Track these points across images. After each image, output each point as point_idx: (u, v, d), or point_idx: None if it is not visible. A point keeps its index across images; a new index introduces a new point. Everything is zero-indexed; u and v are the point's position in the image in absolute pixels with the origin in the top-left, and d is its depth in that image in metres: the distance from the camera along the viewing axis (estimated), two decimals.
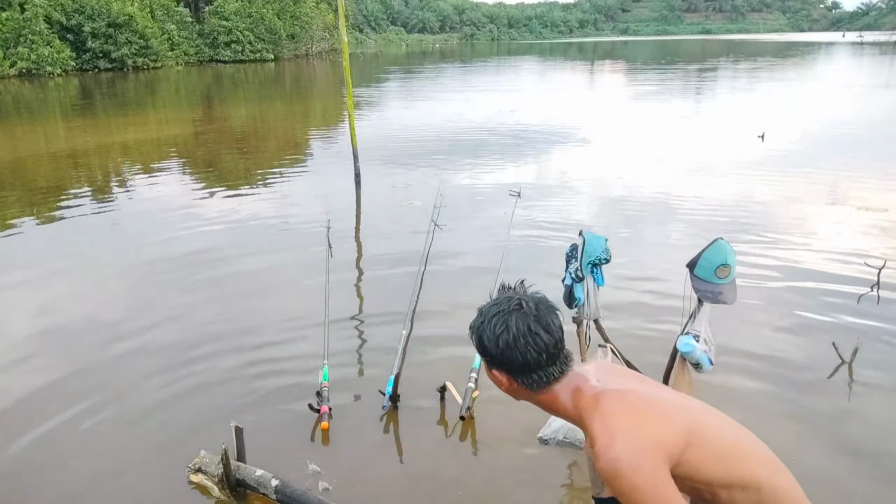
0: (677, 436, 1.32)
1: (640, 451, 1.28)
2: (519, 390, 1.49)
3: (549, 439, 2.84)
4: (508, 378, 1.47)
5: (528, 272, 4.96)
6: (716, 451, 1.34)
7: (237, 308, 4.49)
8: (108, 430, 3.10)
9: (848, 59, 40.95)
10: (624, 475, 1.27)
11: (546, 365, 1.43)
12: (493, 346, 1.44)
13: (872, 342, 3.73)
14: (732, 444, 1.37)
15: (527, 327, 1.41)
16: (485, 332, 1.46)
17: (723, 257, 2.58)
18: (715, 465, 1.33)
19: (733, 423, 1.45)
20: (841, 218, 6.36)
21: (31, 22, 33.10)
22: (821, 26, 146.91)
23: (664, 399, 1.41)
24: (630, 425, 1.32)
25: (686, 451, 1.32)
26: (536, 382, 1.45)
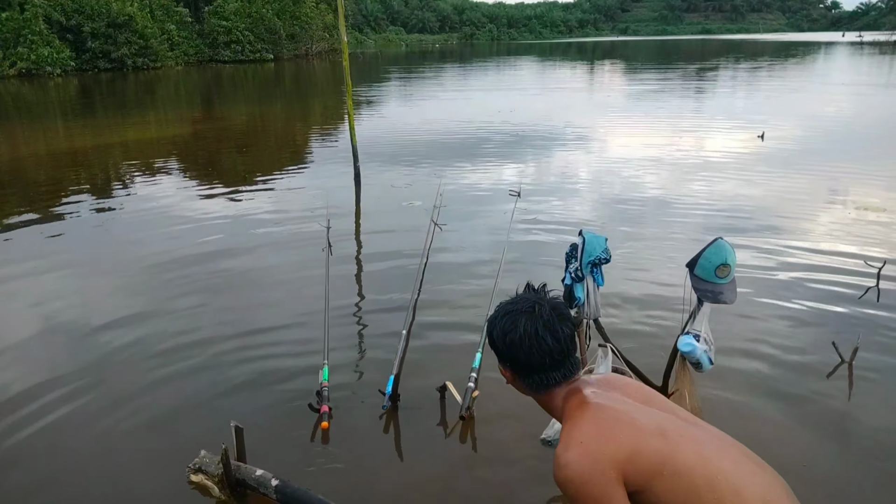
0: (640, 460, 1.29)
1: (590, 464, 1.28)
2: (520, 387, 1.55)
3: (553, 441, 2.83)
4: (512, 374, 1.54)
5: (529, 271, 4.96)
6: (692, 485, 1.29)
7: (237, 308, 4.49)
8: (107, 429, 3.09)
9: (847, 59, 40.96)
10: (570, 483, 1.29)
11: (549, 369, 1.46)
12: (500, 342, 1.53)
13: (872, 341, 3.73)
14: (713, 478, 1.30)
15: (534, 330, 1.44)
16: (495, 328, 1.55)
17: (723, 257, 2.58)
18: (686, 500, 1.29)
19: (725, 452, 1.37)
20: (841, 217, 6.36)
21: (30, 22, 33.09)
22: (820, 26, 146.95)
23: (642, 423, 1.36)
24: (589, 438, 1.33)
25: (652, 480, 1.29)
26: (536, 384, 1.49)
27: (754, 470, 1.36)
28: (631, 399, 1.45)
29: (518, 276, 4.81)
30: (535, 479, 2.69)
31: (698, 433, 1.39)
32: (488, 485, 2.68)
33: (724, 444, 1.40)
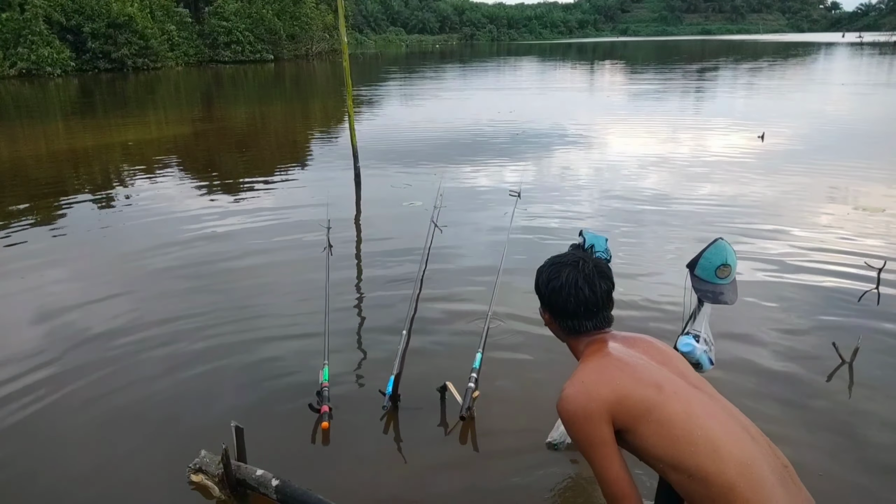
0: (629, 403, 1.45)
1: (584, 402, 1.47)
2: (555, 329, 1.74)
3: (559, 443, 2.82)
4: (550, 317, 1.75)
5: (529, 272, 4.95)
6: (670, 434, 1.42)
7: (237, 308, 4.49)
8: (108, 429, 3.10)
9: (847, 59, 40.97)
10: (564, 412, 1.50)
11: (582, 317, 1.64)
12: (544, 287, 1.76)
13: (873, 342, 3.73)
14: (691, 432, 1.42)
15: (574, 280, 1.65)
16: (542, 275, 1.79)
17: (723, 257, 2.58)
18: (664, 446, 1.43)
19: (715, 415, 1.47)
20: (841, 217, 6.36)
21: (30, 22, 33.10)
22: (820, 27, 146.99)
23: (641, 375, 1.51)
24: (590, 379, 1.51)
25: (637, 423, 1.45)
26: (570, 328, 1.67)
27: (742, 437, 1.43)
28: (646, 356, 1.58)
29: (518, 276, 4.81)
30: (536, 480, 2.69)
31: (694, 394, 1.50)
32: (489, 485, 2.68)
33: (717, 408, 1.50)
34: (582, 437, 1.47)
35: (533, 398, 3.29)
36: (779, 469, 1.43)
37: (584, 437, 1.47)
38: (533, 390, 3.37)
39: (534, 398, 3.29)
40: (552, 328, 1.74)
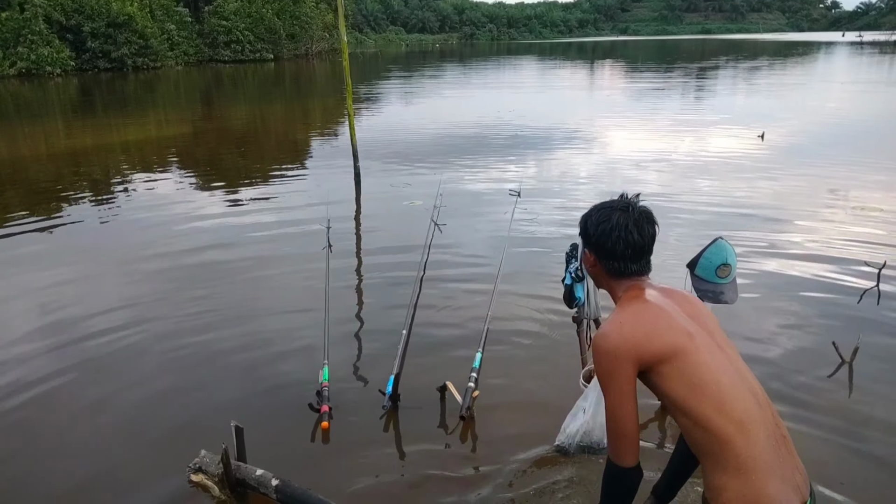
0: (657, 347, 1.55)
1: (618, 341, 1.55)
2: (598, 270, 1.76)
3: (568, 445, 2.82)
4: (595, 259, 1.75)
5: (529, 271, 4.96)
6: (688, 381, 1.53)
7: (237, 308, 4.49)
8: (108, 429, 3.10)
9: (847, 58, 40.95)
10: (597, 348, 1.58)
11: (628, 260, 1.70)
12: (594, 230, 1.73)
13: (873, 342, 3.73)
14: (706, 384, 1.53)
15: (625, 223, 1.69)
16: (591, 218, 1.75)
17: (723, 257, 2.58)
18: (679, 390, 1.53)
19: (728, 373, 1.58)
20: (841, 217, 6.36)
21: (30, 22, 33.08)
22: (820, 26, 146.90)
23: (675, 323, 1.61)
24: (627, 321, 1.60)
25: (662, 365, 1.54)
26: (615, 269, 1.72)
27: (747, 399, 1.55)
28: (679, 308, 1.68)
29: (519, 275, 4.82)
30: (536, 479, 2.69)
31: (716, 351, 1.62)
32: (488, 485, 2.68)
33: (732, 368, 1.61)
34: (607, 371, 1.55)
35: (533, 398, 3.29)
36: (775, 435, 1.54)
37: (609, 372, 1.55)
38: (533, 390, 3.37)
39: (534, 398, 3.29)
40: (594, 271, 1.78)
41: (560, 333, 3.91)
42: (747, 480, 1.47)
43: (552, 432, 2.95)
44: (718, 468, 1.51)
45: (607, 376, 1.57)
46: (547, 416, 3.11)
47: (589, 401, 2.77)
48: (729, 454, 1.49)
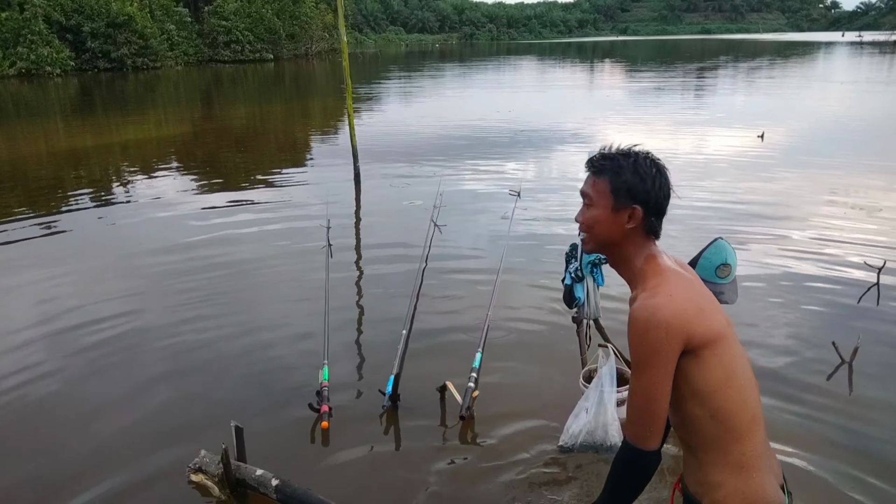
0: (705, 327, 1.41)
1: (670, 315, 1.37)
2: (636, 232, 1.51)
3: (571, 446, 2.82)
4: (643, 214, 1.49)
5: (529, 271, 4.96)
6: (726, 370, 1.42)
7: (237, 308, 4.49)
8: (108, 429, 3.10)
9: (847, 58, 40.96)
10: (643, 322, 1.38)
11: (660, 215, 1.53)
12: (651, 182, 1.49)
13: (872, 342, 3.73)
14: (736, 377, 1.44)
15: (665, 176, 1.52)
16: (640, 167, 1.50)
17: (723, 257, 2.59)
18: (715, 380, 1.41)
19: (748, 369, 1.52)
20: (841, 217, 6.36)
21: (30, 22, 33.07)
22: (820, 26, 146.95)
23: (714, 302, 1.50)
24: (679, 294, 1.42)
25: (704, 347, 1.40)
26: (653, 228, 1.52)
27: (756, 393, 1.50)
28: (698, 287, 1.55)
29: (518, 275, 4.82)
30: (536, 479, 2.69)
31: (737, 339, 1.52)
32: (488, 485, 2.68)
33: (746, 359, 1.53)
34: (653, 347, 1.38)
35: (533, 398, 3.29)
36: (765, 428, 1.52)
37: (655, 348, 1.38)
38: (533, 390, 3.37)
39: (534, 398, 3.29)
40: (630, 231, 1.50)
41: (560, 334, 3.91)
42: (748, 478, 1.43)
43: (552, 432, 2.96)
44: (720, 464, 1.44)
45: (651, 353, 1.38)
46: (547, 416, 3.11)
47: (591, 401, 2.78)
48: (736, 450, 1.43)
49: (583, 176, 1.62)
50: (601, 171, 1.52)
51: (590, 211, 1.54)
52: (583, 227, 1.57)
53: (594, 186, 1.53)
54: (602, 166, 1.52)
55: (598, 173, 1.53)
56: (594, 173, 1.54)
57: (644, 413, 1.42)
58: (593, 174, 1.54)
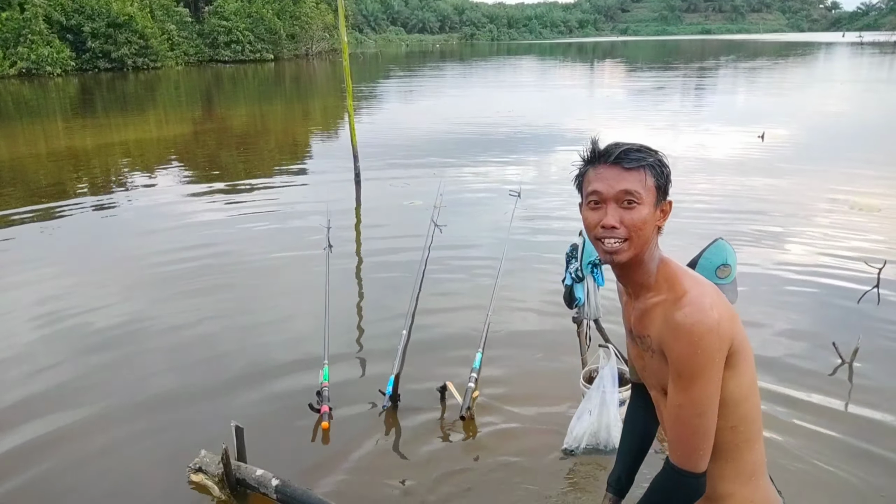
0: (739, 332, 1.30)
1: (717, 318, 1.24)
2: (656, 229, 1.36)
3: (575, 448, 2.82)
4: (669, 202, 1.38)
5: (529, 272, 4.96)
6: (751, 377, 1.33)
7: (237, 308, 4.49)
8: (108, 430, 3.09)
9: (848, 59, 40.96)
10: (698, 326, 1.23)
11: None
12: (669, 171, 1.38)
13: (872, 342, 3.73)
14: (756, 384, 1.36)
15: None
16: (662, 157, 1.38)
17: (723, 257, 2.58)
18: (744, 388, 1.31)
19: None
20: (841, 217, 6.36)
21: (30, 22, 33.09)
22: (820, 26, 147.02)
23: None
24: (716, 297, 1.30)
25: (737, 354, 1.29)
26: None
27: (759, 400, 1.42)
28: None
29: (519, 276, 4.82)
30: (536, 479, 2.69)
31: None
32: (488, 484, 2.68)
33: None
34: (707, 356, 1.23)
35: (533, 398, 3.29)
36: None
37: (710, 356, 1.23)
38: (533, 390, 3.37)
39: (534, 398, 3.29)
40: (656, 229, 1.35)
41: (560, 334, 3.90)
42: (756, 487, 1.37)
43: (553, 432, 2.96)
44: (731, 475, 1.34)
45: (707, 361, 1.23)
46: (547, 416, 3.11)
47: (593, 402, 2.78)
48: (749, 459, 1.35)
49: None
50: (642, 164, 1.32)
51: (637, 211, 1.30)
52: (629, 230, 1.30)
53: (642, 182, 1.31)
54: (641, 158, 1.33)
55: (641, 167, 1.32)
56: (635, 167, 1.31)
57: (696, 431, 1.27)
58: (634, 168, 1.31)
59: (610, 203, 1.31)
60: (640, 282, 1.37)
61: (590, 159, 1.40)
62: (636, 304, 1.38)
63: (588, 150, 1.41)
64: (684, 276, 1.34)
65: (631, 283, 1.39)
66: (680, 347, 1.25)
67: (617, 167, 1.32)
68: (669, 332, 1.27)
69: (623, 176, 1.31)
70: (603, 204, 1.32)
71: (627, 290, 1.41)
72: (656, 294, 1.34)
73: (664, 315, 1.29)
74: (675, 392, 1.28)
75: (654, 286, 1.35)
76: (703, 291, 1.29)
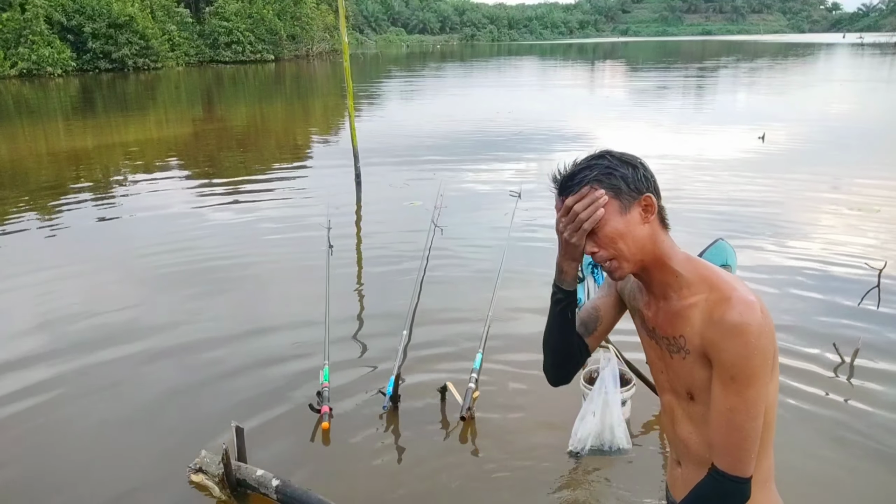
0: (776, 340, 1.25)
1: (766, 314, 1.19)
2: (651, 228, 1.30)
3: (580, 450, 2.82)
4: (656, 200, 1.34)
5: (529, 272, 4.96)
6: (777, 380, 1.28)
7: (237, 309, 4.49)
8: (109, 430, 3.10)
9: (848, 59, 40.96)
10: (754, 326, 1.17)
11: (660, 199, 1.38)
12: (636, 162, 1.34)
13: (873, 342, 3.73)
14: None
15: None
16: (617, 157, 1.35)
17: (724, 258, 2.58)
18: (775, 391, 1.27)
19: None
20: (842, 218, 6.36)
21: (31, 22, 33.11)
22: (821, 27, 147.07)
23: None
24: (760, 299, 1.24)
25: (776, 357, 1.25)
26: (664, 214, 1.36)
27: None
28: None
29: (519, 276, 4.82)
30: (536, 479, 2.69)
31: None
32: (489, 485, 2.68)
33: None
34: (764, 356, 1.18)
35: (533, 398, 3.29)
36: None
37: (766, 356, 1.18)
38: (533, 390, 3.37)
39: (534, 398, 3.29)
40: (653, 228, 1.30)
41: None
42: (769, 492, 1.33)
43: (553, 432, 2.96)
44: (753, 479, 1.27)
45: (763, 361, 1.18)
46: (548, 416, 3.11)
47: (596, 403, 2.78)
48: (765, 465, 1.31)
49: None
50: (584, 182, 1.27)
51: (603, 229, 1.25)
52: (607, 253, 1.26)
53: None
54: (583, 178, 1.27)
55: (583, 185, 1.27)
56: (578, 189, 1.27)
57: (749, 435, 1.22)
58: (576, 191, 1.27)
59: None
60: (665, 281, 1.30)
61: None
62: (663, 305, 1.31)
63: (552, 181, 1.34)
64: (723, 274, 1.28)
65: (654, 283, 1.31)
66: (736, 348, 1.18)
67: (565, 194, 1.29)
68: (721, 333, 1.20)
69: (572, 201, 1.27)
70: None
71: (650, 289, 1.33)
72: (693, 293, 1.27)
73: (709, 314, 1.22)
74: (727, 395, 1.21)
75: (686, 284, 1.28)
76: (748, 290, 1.23)
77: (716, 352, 1.21)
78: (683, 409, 1.34)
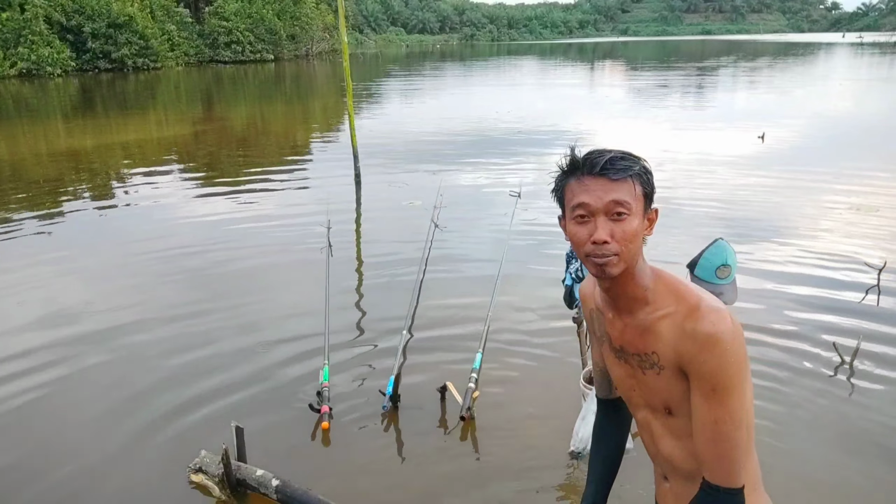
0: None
1: (739, 325, 1.20)
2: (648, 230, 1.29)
3: (581, 451, 2.81)
4: (654, 210, 1.31)
5: (529, 272, 4.96)
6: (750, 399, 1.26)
7: (237, 308, 4.49)
8: (109, 429, 3.10)
9: (848, 59, 40.96)
10: (727, 333, 1.17)
11: None
12: (652, 177, 1.30)
13: (873, 342, 3.73)
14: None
15: None
16: (647, 165, 1.29)
17: (723, 257, 2.58)
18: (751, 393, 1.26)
19: None
20: (841, 218, 6.36)
21: (31, 22, 33.08)
22: (821, 27, 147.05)
23: None
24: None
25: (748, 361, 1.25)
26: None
27: None
28: None
29: (519, 276, 4.82)
30: (536, 480, 2.69)
31: None
32: (488, 485, 2.68)
33: None
34: (741, 363, 1.18)
35: (533, 398, 3.29)
36: None
37: (743, 362, 1.19)
38: (533, 390, 3.37)
39: (534, 398, 3.29)
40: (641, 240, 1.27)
41: (560, 334, 3.90)
42: (761, 494, 1.32)
43: (553, 432, 2.96)
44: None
45: (741, 368, 1.18)
46: (547, 416, 3.11)
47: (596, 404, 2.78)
48: (752, 467, 1.29)
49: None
50: (630, 174, 1.24)
51: (628, 222, 1.21)
52: (620, 243, 1.21)
53: (631, 192, 1.23)
54: (628, 167, 1.24)
55: (629, 176, 1.23)
56: (623, 177, 1.22)
57: (738, 444, 1.20)
58: (620, 178, 1.22)
59: (599, 216, 1.22)
60: (633, 295, 1.28)
61: (570, 169, 1.29)
62: (629, 321, 1.29)
63: (567, 159, 1.30)
64: (688, 286, 1.27)
65: (622, 297, 1.29)
66: (713, 359, 1.17)
67: (603, 178, 1.23)
68: (696, 345, 1.19)
69: (611, 187, 1.22)
70: (591, 217, 1.23)
71: (617, 304, 1.31)
72: (659, 307, 1.25)
73: (680, 327, 1.21)
74: (711, 407, 1.19)
75: (653, 299, 1.27)
76: (714, 299, 1.24)
77: (694, 365, 1.20)
78: (662, 424, 1.32)
